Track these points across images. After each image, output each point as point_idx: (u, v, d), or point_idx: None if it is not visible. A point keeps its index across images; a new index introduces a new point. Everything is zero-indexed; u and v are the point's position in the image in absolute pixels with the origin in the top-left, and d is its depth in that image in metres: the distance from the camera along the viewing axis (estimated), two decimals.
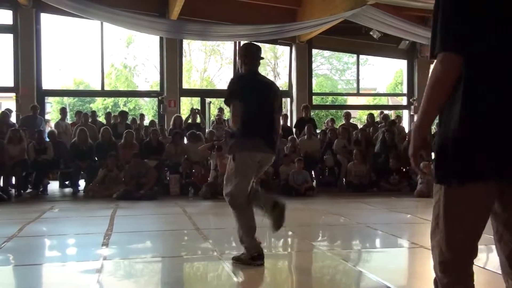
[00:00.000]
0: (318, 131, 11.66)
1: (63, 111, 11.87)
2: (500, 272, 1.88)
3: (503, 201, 1.75)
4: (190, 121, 11.56)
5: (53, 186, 10.26)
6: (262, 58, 4.22)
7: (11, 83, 12.65)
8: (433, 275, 1.87)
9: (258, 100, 4.01)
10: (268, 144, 4.01)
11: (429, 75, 1.71)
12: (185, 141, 10.29)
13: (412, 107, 14.31)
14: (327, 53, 25.07)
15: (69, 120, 12.43)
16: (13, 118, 11.25)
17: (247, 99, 4.02)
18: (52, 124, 12.75)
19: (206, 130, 11.40)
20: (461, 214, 1.74)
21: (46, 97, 14.52)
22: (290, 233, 5.66)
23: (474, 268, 1.83)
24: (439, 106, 1.71)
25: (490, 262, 4.00)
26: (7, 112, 10.72)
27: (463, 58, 1.64)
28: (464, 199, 1.71)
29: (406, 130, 11.92)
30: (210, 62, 27.25)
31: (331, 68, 28.14)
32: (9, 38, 12.57)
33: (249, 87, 4.04)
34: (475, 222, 1.76)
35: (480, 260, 3.94)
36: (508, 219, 1.77)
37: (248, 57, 4.13)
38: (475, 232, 1.78)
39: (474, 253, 1.81)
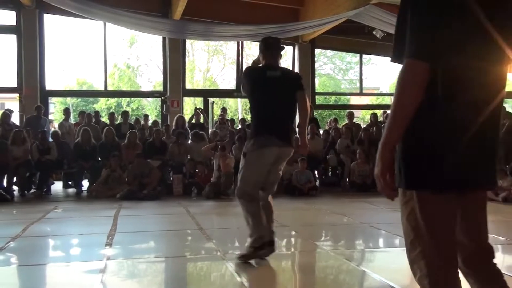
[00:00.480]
0: (321, 131, 11.65)
1: (66, 112, 11.90)
2: (507, 273, 1.85)
3: (464, 209, 1.73)
4: (193, 121, 11.57)
5: (57, 186, 10.28)
6: (282, 49, 4.17)
7: (14, 84, 12.71)
8: None
9: (265, 97, 3.99)
10: (281, 139, 3.99)
11: (396, 84, 1.62)
12: (189, 141, 10.31)
13: None
14: (330, 52, 25.08)
15: (72, 120, 12.45)
16: (16, 119, 11.27)
17: (253, 96, 4.03)
18: (56, 124, 12.78)
19: (210, 130, 11.41)
20: (442, 213, 1.68)
21: (49, 98, 14.55)
22: (293, 233, 5.66)
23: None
24: (409, 117, 1.57)
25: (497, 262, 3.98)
26: (8, 112, 10.75)
27: (428, 64, 1.56)
28: (441, 201, 1.66)
29: None
30: (213, 62, 27.33)
31: (334, 68, 28.17)
32: (12, 38, 12.62)
33: (256, 83, 4.04)
34: (455, 221, 1.72)
35: None
36: (466, 226, 1.75)
37: (265, 50, 4.13)
38: (455, 232, 1.74)
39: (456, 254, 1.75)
